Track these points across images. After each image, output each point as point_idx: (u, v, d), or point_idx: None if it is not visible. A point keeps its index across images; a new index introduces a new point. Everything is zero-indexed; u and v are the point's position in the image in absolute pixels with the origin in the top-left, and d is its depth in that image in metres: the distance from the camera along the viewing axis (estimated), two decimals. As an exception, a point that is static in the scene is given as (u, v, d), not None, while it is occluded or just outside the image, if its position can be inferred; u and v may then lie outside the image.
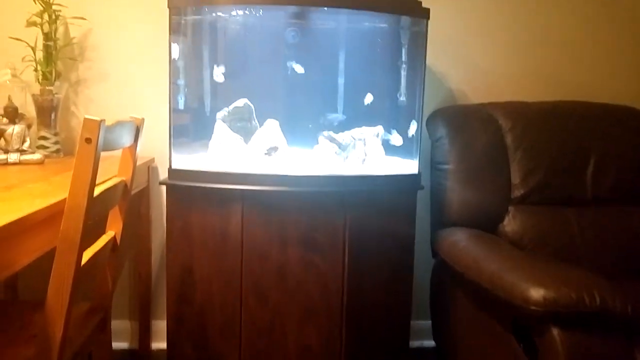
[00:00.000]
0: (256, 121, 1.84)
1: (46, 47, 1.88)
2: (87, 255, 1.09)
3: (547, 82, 2.21)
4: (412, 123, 1.80)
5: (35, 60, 1.87)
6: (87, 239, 1.04)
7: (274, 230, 1.64)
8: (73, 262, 0.99)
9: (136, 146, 1.33)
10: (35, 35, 1.87)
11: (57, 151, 1.90)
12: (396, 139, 1.83)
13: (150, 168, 2.03)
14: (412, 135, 1.81)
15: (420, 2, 1.72)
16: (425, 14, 1.70)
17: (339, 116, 1.86)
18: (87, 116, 0.96)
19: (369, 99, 1.82)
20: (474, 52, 2.18)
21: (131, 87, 2.04)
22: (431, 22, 1.72)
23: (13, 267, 0.96)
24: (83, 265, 1.04)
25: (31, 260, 1.02)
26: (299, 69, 1.70)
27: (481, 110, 2.00)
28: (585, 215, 1.91)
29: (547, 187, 1.91)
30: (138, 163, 1.63)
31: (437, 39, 1.90)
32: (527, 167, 1.91)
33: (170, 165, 1.65)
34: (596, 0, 2.21)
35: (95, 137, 0.96)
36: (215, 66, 1.75)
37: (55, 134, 1.90)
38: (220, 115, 1.80)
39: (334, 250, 1.66)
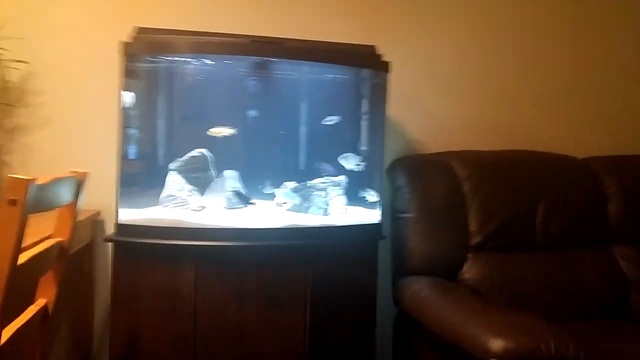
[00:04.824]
0: (212, 171, 1.75)
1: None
2: (7, 333, 0.95)
3: (500, 131, 2.29)
4: (346, 156, 1.80)
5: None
6: (9, 314, 0.91)
7: (230, 288, 1.56)
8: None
9: (76, 203, 1.21)
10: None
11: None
12: (372, 197, 1.81)
13: (95, 222, 1.89)
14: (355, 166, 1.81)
15: (380, 56, 1.74)
16: (385, 67, 1.72)
17: (328, 167, 1.82)
18: (10, 175, 0.84)
19: (332, 120, 1.81)
20: (433, 103, 2.23)
21: (76, 135, 1.91)
22: (391, 74, 1.73)
23: None
24: (2, 346, 0.91)
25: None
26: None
27: (439, 159, 2.05)
28: (537, 260, 1.97)
29: (503, 234, 1.95)
30: (81, 217, 1.50)
31: (397, 90, 1.91)
32: (483, 215, 1.94)
33: (116, 220, 1.54)
34: (545, 56, 2.34)
35: (22, 199, 0.84)
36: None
37: (-14, 187, 1.75)
38: (173, 165, 1.70)
39: (296, 306, 1.60)
